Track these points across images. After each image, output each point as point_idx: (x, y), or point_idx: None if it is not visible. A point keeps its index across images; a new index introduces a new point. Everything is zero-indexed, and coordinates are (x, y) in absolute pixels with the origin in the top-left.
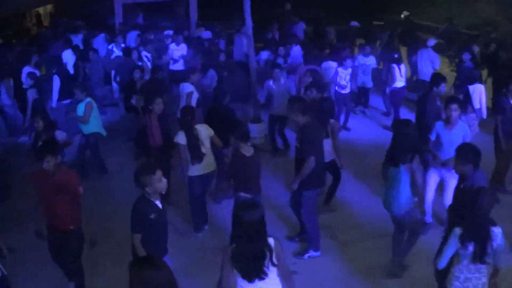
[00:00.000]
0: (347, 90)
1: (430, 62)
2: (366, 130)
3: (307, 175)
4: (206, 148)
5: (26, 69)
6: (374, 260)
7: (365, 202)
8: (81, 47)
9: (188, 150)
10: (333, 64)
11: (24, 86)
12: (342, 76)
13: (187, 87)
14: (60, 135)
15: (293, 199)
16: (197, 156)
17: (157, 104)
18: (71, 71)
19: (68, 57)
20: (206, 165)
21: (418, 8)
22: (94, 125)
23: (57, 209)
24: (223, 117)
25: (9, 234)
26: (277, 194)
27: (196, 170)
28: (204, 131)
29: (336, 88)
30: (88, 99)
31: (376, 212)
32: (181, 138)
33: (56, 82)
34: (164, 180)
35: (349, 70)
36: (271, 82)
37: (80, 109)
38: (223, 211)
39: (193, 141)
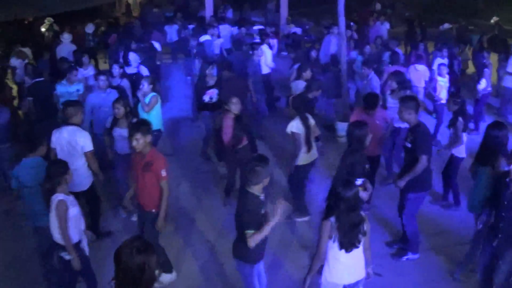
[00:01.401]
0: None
1: None
2: None
3: (415, 176)
4: (313, 137)
5: (131, 56)
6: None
7: (451, 208)
8: (175, 38)
9: (304, 139)
10: (420, 67)
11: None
12: (442, 86)
13: (300, 84)
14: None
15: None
16: (310, 145)
17: (233, 104)
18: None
19: (158, 47)
20: (313, 154)
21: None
22: (154, 121)
23: (142, 188)
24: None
25: (107, 218)
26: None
27: (305, 158)
28: (312, 120)
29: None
30: (154, 93)
31: (462, 219)
32: (297, 127)
33: (144, 71)
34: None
35: (447, 77)
36: (360, 82)
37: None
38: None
39: (307, 130)
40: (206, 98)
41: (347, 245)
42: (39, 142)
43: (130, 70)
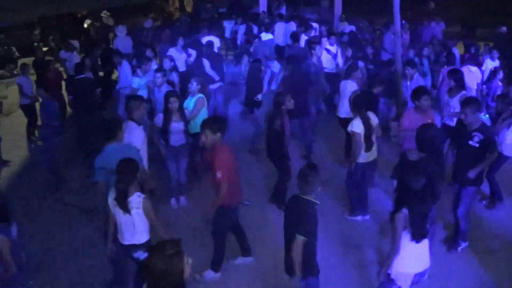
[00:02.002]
0: None
1: None
2: None
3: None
4: (375, 136)
5: (172, 51)
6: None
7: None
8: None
9: (364, 138)
10: (473, 69)
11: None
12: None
13: (349, 84)
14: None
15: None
16: (370, 144)
17: (288, 101)
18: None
19: (214, 42)
20: (372, 153)
21: None
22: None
23: (214, 182)
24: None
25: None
26: None
27: (364, 157)
28: (374, 119)
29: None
30: (201, 95)
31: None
32: (358, 127)
33: (206, 65)
34: None
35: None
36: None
37: (190, 103)
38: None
39: (368, 129)
40: (260, 96)
41: (418, 235)
42: (116, 127)
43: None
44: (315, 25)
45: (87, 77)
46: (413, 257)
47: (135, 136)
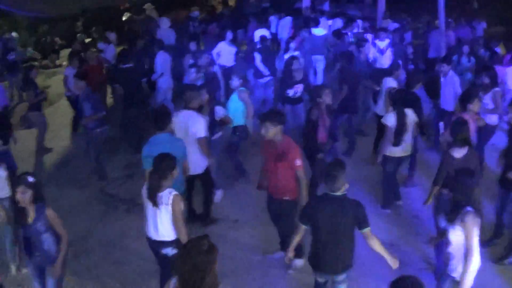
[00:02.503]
0: None
1: None
2: None
3: None
4: (408, 133)
5: (221, 45)
6: None
7: None
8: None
9: (394, 133)
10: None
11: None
12: None
13: (389, 82)
14: (219, 111)
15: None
16: (399, 139)
17: (326, 95)
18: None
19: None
20: (404, 150)
21: None
22: (238, 116)
23: (274, 177)
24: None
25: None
26: None
27: (394, 151)
28: (412, 115)
29: None
30: (242, 88)
31: None
32: (390, 120)
33: (257, 59)
34: None
35: None
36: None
37: (233, 99)
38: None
39: (401, 125)
40: (290, 92)
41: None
42: (168, 119)
43: (222, 61)
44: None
45: (132, 66)
46: None
47: (200, 124)
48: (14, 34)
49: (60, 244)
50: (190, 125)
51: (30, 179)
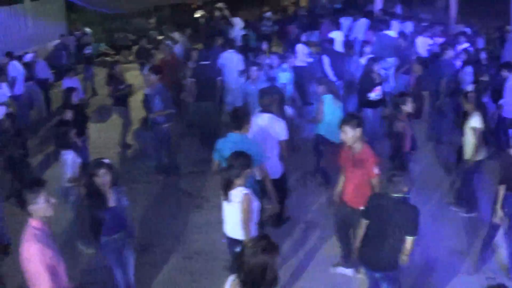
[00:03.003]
0: None
1: None
2: None
3: None
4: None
5: (300, 47)
6: None
7: None
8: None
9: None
10: None
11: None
12: None
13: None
14: (287, 110)
15: None
16: (486, 141)
17: (409, 102)
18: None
19: (336, 38)
20: (483, 152)
21: None
22: (323, 127)
23: (350, 184)
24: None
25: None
26: None
27: (480, 155)
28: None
29: None
30: (327, 95)
31: None
32: (478, 122)
33: (326, 62)
34: None
35: None
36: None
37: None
38: None
39: (485, 125)
40: (371, 95)
41: None
42: (245, 120)
43: (298, 62)
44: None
45: (208, 64)
46: None
47: (281, 126)
48: (87, 29)
49: None
50: (271, 128)
51: (108, 162)
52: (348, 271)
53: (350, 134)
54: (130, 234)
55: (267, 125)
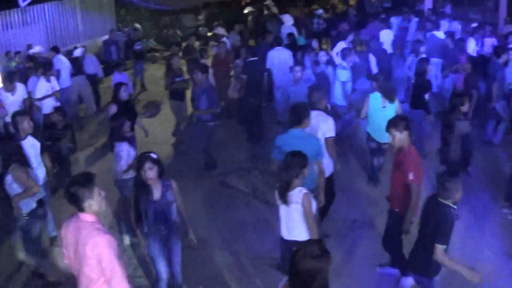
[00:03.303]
0: None
1: None
2: None
3: None
4: None
5: (341, 45)
6: None
7: None
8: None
9: None
10: None
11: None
12: None
13: None
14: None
15: None
16: None
17: (466, 103)
18: (389, 50)
19: (385, 37)
20: None
21: None
22: (370, 125)
23: (392, 185)
24: None
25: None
26: None
27: None
28: None
29: None
30: (375, 93)
31: None
32: None
33: (372, 61)
34: None
35: None
36: None
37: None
38: None
39: None
40: (426, 96)
41: None
42: (304, 115)
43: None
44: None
45: (257, 60)
46: None
47: (329, 124)
48: (137, 25)
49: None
50: (320, 125)
51: (154, 155)
52: (394, 271)
53: (397, 137)
54: (177, 229)
55: (315, 123)
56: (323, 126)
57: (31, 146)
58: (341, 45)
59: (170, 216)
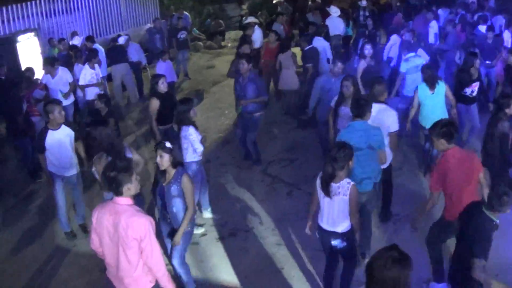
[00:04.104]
0: None
1: None
2: None
3: None
4: None
5: (394, 38)
6: None
7: None
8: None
9: None
10: None
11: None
12: None
13: None
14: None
15: None
16: None
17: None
18: (435, 41)
19: (431, 29)
20: None
21: None
22: (422, 117)
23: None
24: None
25: None
26: None
27: None
28: None
29: None
30: (421, 85)
31: None
32: None
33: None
34: None
35: None
36: None
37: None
38: None
39: None
40: (468, 91)
41: None
42: (367, 108)
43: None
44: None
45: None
46: None
47: (393, 117)
48: (185, 13)
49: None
50: (384, 119)
51: (168, 144)
52: (441, 286)
53: (439, 144)
54: (176, 224)
55: (378, 116)
56: (387, 120)
57: (66, 135)
58: (395, 38)
59: (171, 208)
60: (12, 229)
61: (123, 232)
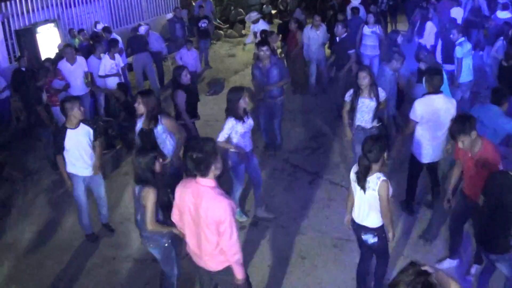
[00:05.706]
0: None
1: None
2: None
3: None
4: None
5: (429, 25)
6: None
7: None
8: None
9: None
10: None
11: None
12: None
13: None
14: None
15: None
16: None
17: None
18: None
19: (456, 14)
20: None
21: None
22: None
23: (473, 186)
24: None
25: None
26: None
27: None
28: None
29: None
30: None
31: None
32: None
33: (438, 45)
34: None
35: None
36: None
37: None
38: None
39: None
40: None
41: None
42: (506, 99)
43: (424, 41)
44: None
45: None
46: None
47: (453, 107)
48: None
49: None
50: (446, 108)
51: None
52: (454, 263)
53: (466, 142)
54: None
55: (442, 107)
56: (449, 109)
57: (85, 134)
58: (430, 25)
59: None
60: (35, 219)
61: (204, 213)
